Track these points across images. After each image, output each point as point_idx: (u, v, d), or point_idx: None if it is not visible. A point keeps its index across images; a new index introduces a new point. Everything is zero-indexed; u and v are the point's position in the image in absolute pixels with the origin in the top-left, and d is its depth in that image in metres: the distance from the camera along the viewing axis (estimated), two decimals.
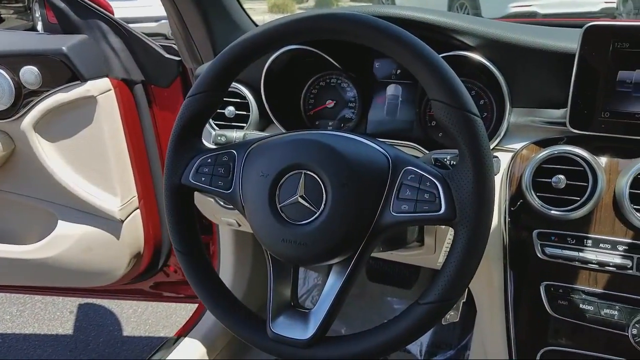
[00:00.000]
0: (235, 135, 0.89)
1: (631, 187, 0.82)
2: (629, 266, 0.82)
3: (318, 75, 1.11)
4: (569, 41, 0.89)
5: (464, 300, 1.01)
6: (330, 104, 1.11)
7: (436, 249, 1.02)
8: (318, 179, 0.68)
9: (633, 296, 0.82)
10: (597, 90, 0.85)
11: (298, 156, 0.69)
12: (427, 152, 0.96)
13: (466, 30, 0.91)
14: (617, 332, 0.81)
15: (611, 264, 0.83)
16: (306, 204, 0.68)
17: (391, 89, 1.07)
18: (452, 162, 0.73)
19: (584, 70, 0.85)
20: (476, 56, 0.92)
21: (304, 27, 0.70)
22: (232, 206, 0.76)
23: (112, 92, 1.40)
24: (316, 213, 0.67)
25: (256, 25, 1.27)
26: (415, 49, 0.65)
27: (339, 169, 0.67)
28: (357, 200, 0.67)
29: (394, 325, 0.68)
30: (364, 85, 1.08)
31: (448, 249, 0.69)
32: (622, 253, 0.83)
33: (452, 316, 1.05)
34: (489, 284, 0.96)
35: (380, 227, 0.68)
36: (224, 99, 0.80)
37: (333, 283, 0.71)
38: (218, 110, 1.12)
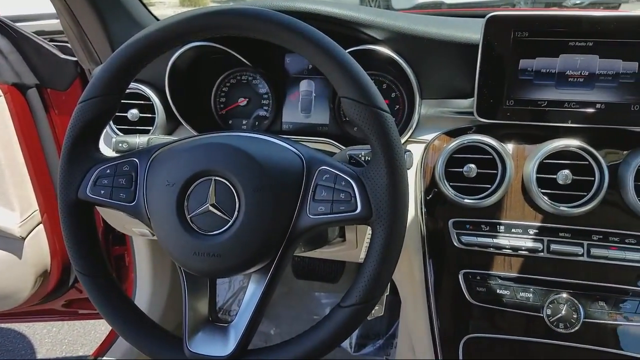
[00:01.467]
0: (139, 141, 0.82)
1: (538, 171, 0.85)
2: (539, 249, 0.85)
3: (228, 73, 1.06)
4: (474, 32, 0.91)
5: (388, 293, 1.01)
6: (242, 102, 1.07)
7: (358, 244, 1.01)
8: (229, 185, 0.64)
9: (545, 278, 0.85)
10: (501, 79, 0.87)
11: (206, 162, 0.65)
12: (344, 148, 0.94)
13: (373, 24, 0.90)
14: (533, 314, 0.84)
15: (523, 248, 0.86)
16: (218, 212, 0.64)
17: (304, 85, 1.05)
18: (367, 158, 0.72)
19: (487, 60, 0.86)
20: (384, 50, 0.91)
21: (202, 24, 0.65)
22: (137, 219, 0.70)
23: (2, 98, 1.27)
24: (229, 221, 0.63)
25: (158, 21, 1.19)
26: (321, 45, 0.62)
27: (251, 173, 0.64)
28: (272, 205, 0.63)
29: (318, 331, 0.65)
30: (277, 81, 1.05)
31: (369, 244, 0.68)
32: (533, 237, 0.86)
33: (377, 311, 1.05)
34: (410, 275, 0.97)
35: (297, 231, 0.65)
36: (124, 101, 0.73)
37: (253, 292, 0.68)
38: (120, 114, 1.04)
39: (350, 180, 0.64)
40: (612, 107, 0.85)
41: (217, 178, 0.64)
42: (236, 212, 0.63)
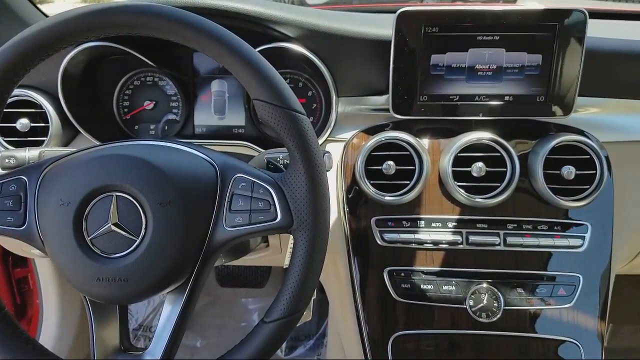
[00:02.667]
0: (28, 155, 0.73)
1: (453, 165, 0.86)
2: (459, 241, 0.86)
3: (131, 74, 0.98)
4: (386, 28, 0.90)
5: (315, 297, 0.99)
6: (148, 105, 0.99)
7: (282, 249, 0.98)
8: (133, 200, 0.58)
9: (466, 270, 0.87)
10: (414, 75, 0.87)
11: (105, 176, 0.58)
12: (263, 150, 0.90)
13: (284, 21, 0.87)
14: (457, 306, 0.85)
15: (444, 241, 0.87)
16: (122, 232, 0.57)
17: (216, 85, 1.00)
18: (286, 162, 0.68)
19: (400, 57, 0.86)
20: (297, 47, 0.88)
21: (91, 23, 0.59)
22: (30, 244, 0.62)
23: None
24: (136, 241, 0.57)
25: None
26: (228, 45, 0.58)
27: (157, 186, 0.58)
28: (183, 219, 0.58)
29: (241, 349, 0.61)
30: (185, 82, 0.99)
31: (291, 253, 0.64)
32: (452, 230, 0.87)
33: (305, 316, 1.02)
34: (335, 275, 0.95)
35: (214, 245, 0.61)
36: (11, 110, 0.64)
37: (169, 314, 0.62)
38: (8, 124, 0.93)
39: (268, 188, 0.60)
40: (519, 98, 0.88)
41: (118, 194, 0.58)
42: (143, 231, 0.57)
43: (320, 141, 0.94)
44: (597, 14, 1.25)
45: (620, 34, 1.05)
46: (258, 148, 0.93)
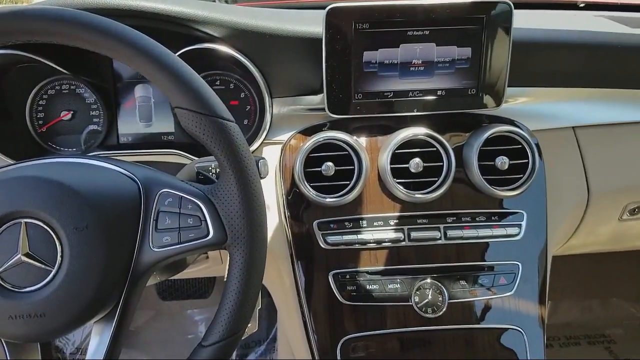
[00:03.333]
0: None
1: (391, 162, 0.85)
2: (401, 239, 0.86)
3: (44, 83, 0.91)
4: (317, 25, 0.88)
5: (260, 307, 0.95)
6: (66, 115, 0.92)
7: (223, 260, 0.94)
8: (45, 226, 0.52)
9: (410, 266, 0.86)
10: (348, 73, 0.85)
11: (9, 202, 0.52)
12: (195, 158, 0.86)
13: (208, 20, 0.82)
14: (403, 304, 0.85)
15: (387, 239, 0.86)
16: (35, 262, 0.52)
17: (140, 90, 0.94)
18: (218, 171, 0.65)
19: (332, 54, 0.84)
20: (224, 48, 0.84)
21: None
22: None
23: None
24: (51, 271, 0.52)
25: None
26: (140, 48, 0.53)
27: (72, 209, 0.53)
28: (104, 243, 0.53)
29: None
30: (106, 88, 0.92)
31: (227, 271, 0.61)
32: (394, 227, 0.86)
33: (251, 327, 0.99)
34: (280, 282, 0.92)
35: (142, 268, 0.56)
36: None
37: (97, 345, 0.57)
38: None
39: (198, 202, 0.56)
40: (451, 92, 0.88)
41: (28, 220, 0.52)
42: (59, 259, 0.52)
43: (256, 144, 0.91)
44: (522, 5, 1.28)
45: (545, 23, 1.08)
46: (190, 156, 0.88)
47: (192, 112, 0.54)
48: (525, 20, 1.02)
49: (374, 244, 0.86)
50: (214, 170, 0.65)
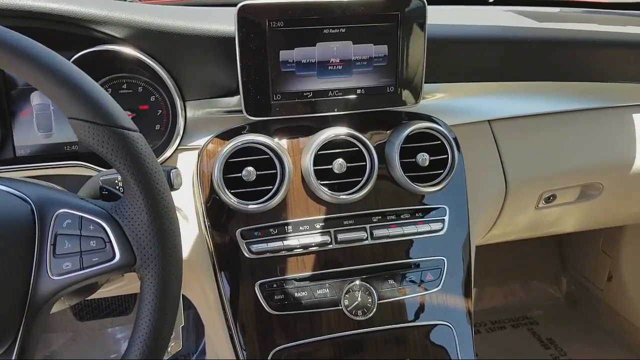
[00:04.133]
0: None
1: (314, 164, 0.83)
2: (328, 242, 0.84)
3: None
4: (230, 23, 0.84)
5: (183, 324, 0.90)
6: None
7: None
8: None
9: (338, 269, 0.85)
10: (265, 73, 0.82)
11: None
12: (102, 170, 0.79)
13: (107, 20, 0.76)
14: (333, 308, 0.83)
15: (313, 244, 0.84)
16: None
17: (37, 97, 0.85)
18: None
19: (246, 54, 0.80)
20: (127, 49, 0.78)
21: None
22: None
23: None
24: None
25: None
26: (21, 52, 0.47)
27: None
28: None
29: None
30: None
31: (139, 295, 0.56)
32: (320, 230, 0.84)
33: (175, 346, 0.94)
34: (203, 295, 0.88)
35: (41, 299, 0.50)
36: None
37: None
38: None
39: (100, 222, 0.51)
40: (370, 91, 0.87)
41: None
42: None
43: (170, 151, 0.85)
44: (435, 0, 1.30)
45: (458, 19, 1.11)
46: (96, 167, 0.81)
47: (87, 122, 0.49)
48: (439, 16, 1.04)
49: (301, 250, 0.83)
50: (120, 184, 0.60)
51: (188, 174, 0.86)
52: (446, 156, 0.89)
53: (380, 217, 0.87)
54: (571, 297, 1.92)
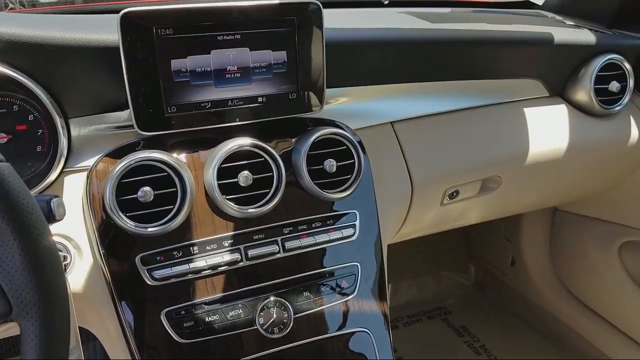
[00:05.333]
0: None
1: (218, 178, 0.78)
2: (238, 259, 0.80)
3: None
4: (113, 31, 0.77)
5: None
6: None
7: None
8: None
9: (251, 287, 0.81)
10: (156, 84, 0.76)
11: None
12: None
13: None
14: (248, 329, 0.79)
15: (222, 263, 0.79)
16: None
17: None
18: None
19: (133, 65, 0.74)
20: None
21: None
22: None
23: None
24: None
25: None
26: None
27: None
28: None
29: None
30: None
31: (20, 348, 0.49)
32: (229, 248, 0.80)
33: None
34: (104, 330, 0.80)
35: None
36: None
37: None
38: None
39: None
40: (272, 98, 0.84)
41: None
42: None
43: (55, 174, 0.77)
44: (330, 4, 1.30)
45: (356, 22, 1.11)
46: None
47: None
48: (337, 20, 1.04)
49: (209, 271, 0.78)
50: None
51: (77, 199, 0.78)
52: (353, 161, 0.88)
53: (291, 228, 0.84)
54: (479, 284, 2.02)
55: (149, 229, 0.74)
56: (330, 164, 0.85)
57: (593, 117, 1.23)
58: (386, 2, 1.40)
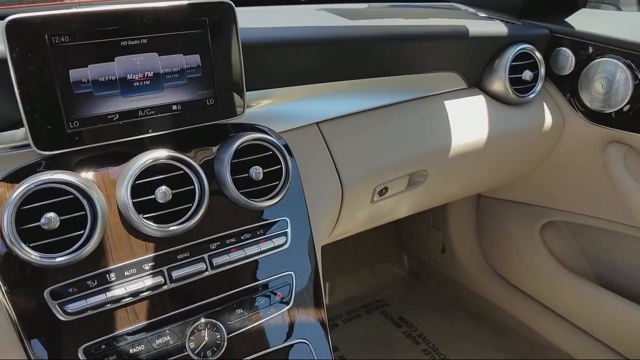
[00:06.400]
0: None
1: (133, 196, 0.72)
2: (162, 283, 0.74)
3: None
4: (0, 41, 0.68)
5: None
6: None
7: None
8: None
9: (178, 311, 0.75)
10: (53, 98, 0.68)
11: None
12: None
13: None
14: (178, 356, 0.74)
15: (145, 288, 0.73)
16: None
17: None
18: None
19: (25, 77, 0.66)
20: None
21: None
22: None
23: None
24: None
25: None
26: None
27: None
28: None
29: None
30: None
31: None
32: (151, 272, 0.74)
33: None
34: None
35: None
36: None
37: None
38: None
39: None
40: (188, 105, 0.78)
41: None
42: None
43: None
44: (245, 2, 1.25)
45: (273, 20, 1.07)
46: None
47: None
48: (254, 19, 0.99)
49: (130, 298, 0.72)
50: None
51: None
52: (280, 166, 0.84)
53: (218, 243, 0.79)
54: (413, 273, 2.06)
55: (57, 259, 0.67)
56: (257, 172, 0.81)
57: (509, 105, 1.27)
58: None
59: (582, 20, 1.31)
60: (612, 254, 1.48)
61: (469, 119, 1.20)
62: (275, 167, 0.84)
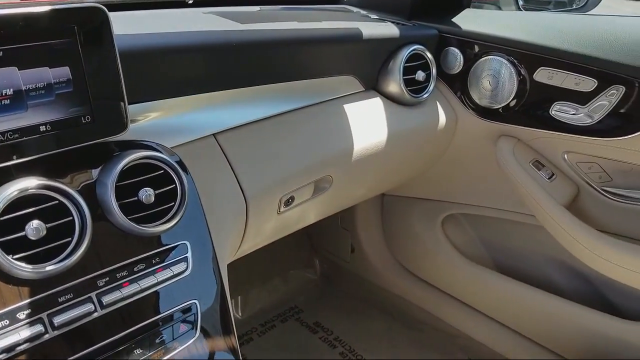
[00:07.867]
0: None
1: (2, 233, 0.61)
2: (42, 332, 0.63)
3: None
4: None
5: None
6: None
7: None
8: None
9: None
10: None
11: None
12: None
13: None
14: None
15: (21, 341, 0.62)
16: None
17: None
18: None
19: None
20: None
21: None
22: None
23: None
24: None
25: None
26: None
27: None
28: None
29: None
30: None
31: None
32: (27, 320, 0.63)
33: None
34: None
35: None
36: None
37: None
38: None
39: None
40: (59, 125, 0.68)
41: None
42: None
43: None
44: (125, 6, 1.15)
45: (157, 25, 0.99)
46: None
47: None
48: (136, 24, 0.91)
49: (4, 355, 0.61)
50: None
51: None
52: (174, 186, 0.77)
53: (107, 279, 0.70)
54: (325, 276, 2.05)
55: None
56: (147, 194, 0.73)
57: (405, 106, 1.28)
58: (190, 2, 1.29)
59: (468, 20, 1.36)
60: (508, 241, 1.56)
61: (368, 122, 1.20)
62: (169, 187, 0.76)
